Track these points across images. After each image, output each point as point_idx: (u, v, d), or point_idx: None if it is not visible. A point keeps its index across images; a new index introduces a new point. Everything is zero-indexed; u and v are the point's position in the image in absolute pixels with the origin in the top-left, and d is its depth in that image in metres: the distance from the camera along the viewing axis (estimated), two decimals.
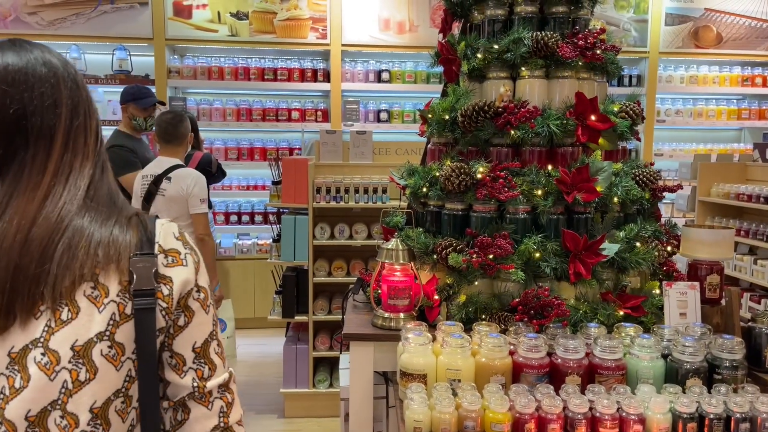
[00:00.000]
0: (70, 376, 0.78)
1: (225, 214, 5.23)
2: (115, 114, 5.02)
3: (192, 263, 0.89)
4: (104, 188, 0.88)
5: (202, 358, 0.88)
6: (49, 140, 0.83)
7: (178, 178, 3.10)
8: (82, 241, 0.81)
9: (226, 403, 0.90)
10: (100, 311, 0.80)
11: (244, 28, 5.09)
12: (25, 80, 0.82)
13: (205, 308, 0.90)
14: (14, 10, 4.83)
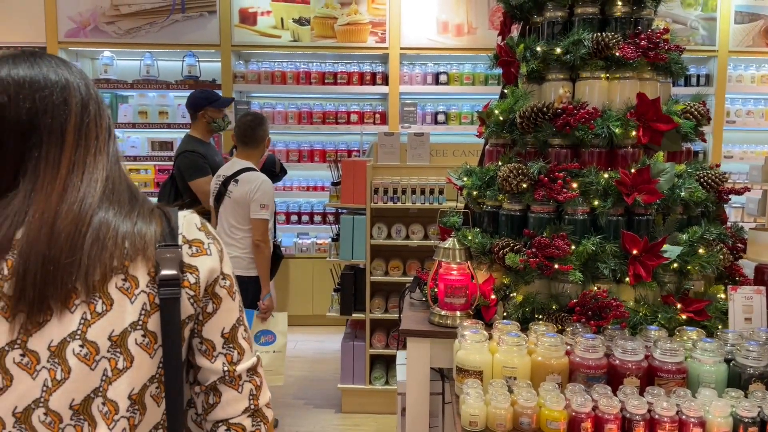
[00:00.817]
0: (109, 364, 0.83)
1: (285, 213, 5.38)
2: (184, 117, 5.26)
3: (216, 252, 0.93)
4: (123, 182, 0.92)
5: (230, 343, 0.92)
6: (60, 137, 0.88)
7: (244, 182, 3.20)
8: (109, 233, 0.85)
9: (255, 386, 0.94)
10: (132, 302, 0.85)
11: (305, 34, 5.24)
12: (37, 83, 0.88)
13: (232, 295, 0.94)
14: (93, 20, 5.13)
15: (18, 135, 0.87)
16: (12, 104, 0.87)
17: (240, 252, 3.26)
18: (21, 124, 0.87)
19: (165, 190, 3.76)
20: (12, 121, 0.86)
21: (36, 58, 0.92)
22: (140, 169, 5.30)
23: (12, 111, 0.87)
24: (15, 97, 0.87)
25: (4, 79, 0.88)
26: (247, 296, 3.23)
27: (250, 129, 3.33)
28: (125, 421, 0.83)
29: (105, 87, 5.23)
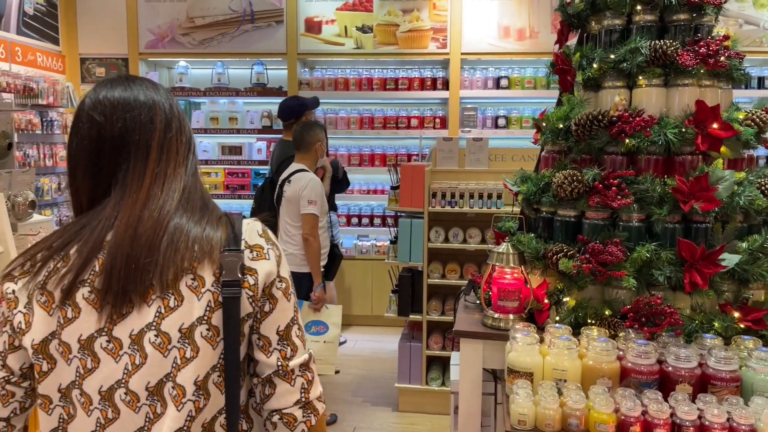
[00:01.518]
0: (179, 353, 0.94)
1: (347, 216, 5.53)
2: (252, 123, 5.51)
3: (274, 257, 1.02)
4: (197, 192, 1.03)
5: (285, 340, 1.00)
6: (146, 151, 1.00)
7: (295, 181, 3.41)
8: (182, 237, 0.96)
9: (307, 381, 1.01)
10: (198, 299, 0.95)
11: (368, 41, 5.37)
12: (128, 104, 1.01)
13: (287, 296, 1.02)
14: (171, 32, 5.45)
15: (112, 150, 1.00)
16: (107, 123, 1.00)
17: (294, 249, 3.45)
18: (114, 140, 1.00)
19: (264, 195, 3.86)
20: (107, 138, 1.00)
21: (130, 81, 1.05)
22: (211, 173, 5.58)
23: (107, 129, 1.00)
24: (110, 116, 1.00)
25: (101, 100, 1.01)
26: (302, 290, 3.43)
27: (300, 135, 3.54)
28: (191, 404, 0.94)
29: (180, 95, 5.54)
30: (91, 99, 1.02)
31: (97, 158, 1.00)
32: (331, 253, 3.67)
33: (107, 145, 1.00)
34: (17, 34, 4.79)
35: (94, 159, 1.00)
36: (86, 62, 5.53)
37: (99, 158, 1.00)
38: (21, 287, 0.97)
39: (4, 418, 1.02)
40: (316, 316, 3.48)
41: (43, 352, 0.96)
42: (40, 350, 0.96)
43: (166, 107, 1.05)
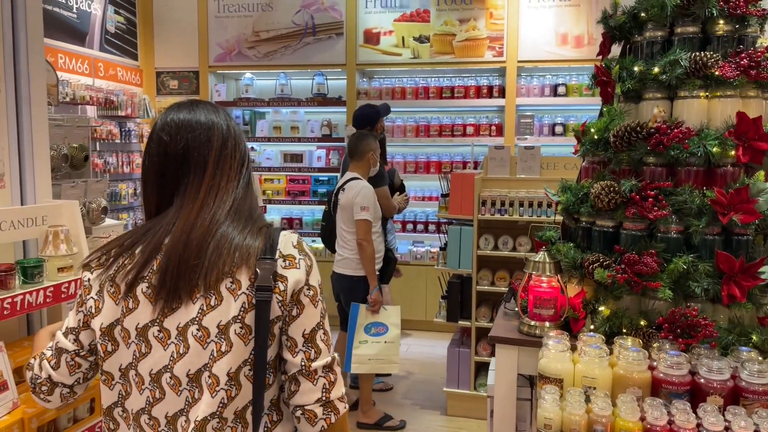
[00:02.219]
0: (215, 347, 1.06)
1: (402, 222, 5.64)
2: (312, 132, 5.72)
3: (304, 266, 1.12)
4: (246, 204, 1.16)
5: (309, 342, 1.10)
6: (203, 167, 1.14)
7: (348, 189, 3.54)
8: (225, 244, 1.08)
9: (329, 382, 1.10)
10: (235, 300, 1.07)
11: (425, 51, 5.48)
12: (190, 125, 1.15)
13: (314, 303, 1.11)
14: (237, 46, 5.75)
15: (175, 165, 1.15)
16: (172, 142, 1.15)
17: (349, 254, 3.58)
18: (177, 157, 1.15)
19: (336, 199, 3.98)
20: (171, 155, 1.15)
21: (194, 105, 1.20)
22: (274, 179, 5.83)
23: (172, 147, 1.15)
24: (174, 136, 1.15)
25: (168, 122, 1.17)
26: (358, 293, 3.56)
27: (354, 144, 3.69)
28: (224, 392, 1.06)
29: (245, 105, 5.83)
30: (161, 121, 1.18)
31: (163, 172, 1.16)
32: (385, 257, 3.78)
33: (171, 161, 1.15)
34: (100, 50, 5.20)
35: (161, 173, 1.16)
36: (161, 75, 5.91)
37: (165, 172, 1.15)
38: (95, 277, 1.14)
39: (68, 384, 1.19)
40: (375, 318, 3.59)
41: (109, 335, 1.12)
42: (106, 333, 1.12)
43: (224, 128, 1.18)
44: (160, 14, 5.85)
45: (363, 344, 3.57)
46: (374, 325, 3.61)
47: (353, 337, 3.56)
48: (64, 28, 4.77)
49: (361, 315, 3.57)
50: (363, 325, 3.58)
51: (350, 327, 3.58)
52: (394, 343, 3.62)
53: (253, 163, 5.81)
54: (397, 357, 3.65)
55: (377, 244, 3.62)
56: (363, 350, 3.56)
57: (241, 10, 5.73)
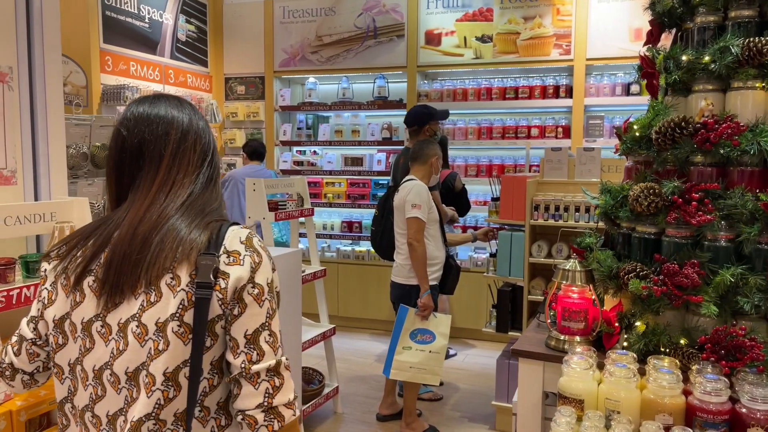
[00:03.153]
0: (153, 345, 1.01)
1: (462, 227, 5.48)
2: (373, 135, 5.69)
3: (249, 263, 1.05)
4: (201, 199, 1.11)
5: (252, 344, 1.03)
6: (159, 161, 1.11)
7: (402, 189, 3.43)
8: (169, 238, 1.04)
9: (273, 386, 1.03)
10: (174, 297, 1.02)
11: (488, 51, 5.31)
12: (148, 118, 1.12)
13: (259, 302, 1.05)
14: (301, 51, 5.83)
15: (132, 159, 1.13)
16: (129, 135, 1.13)
17: (401, 260, 3.45)
18: (134, 151, 1.12)
19: (387, 203, 3.83)
20: (128, 149, 1.13)
21: (156, 99, 1.18)
22: (334, 182, 5.85)
23: (128, 141, 1.13)
24: (132, 129, 1.13)
25: (128, 116, 1.15)
26: (411, 301, 3.42)
27: (419, 147, 3.56)
28: (160, 393, 1.01)
29: (308, 109, 5.89)
30: (122, 115, 1.17)
31: (120, 166, 1.14)
32: (446, 265, 3.60)
33: (127, 155, 1.13)
34: (171, 58, 5.43)
35: (118, 167, 1.14)
36: (229, 81, 6.09)
37: (122, 166, 1.13)
38: (51, 268, 1.14)
39: (29, 372, 1.19)
40: (422, 324, 3.43)
41: (60, 328, 1.11)
42: (58, 325, 1.11)
43: (184, 121, 1.15)
44: (230, 22, 6.04)
45: (406, 350, 3.43)
46: (421, 332, 3.46)
47: (397, 340, 3.43)
48: (136, 38, 5.02)
49: (409, 319, 3.42)
50: (409, 330, 3.44)
51: (395, 330, 3.45)
52: (440, 354, 3.44)
53: (315, 166, 5.86)
54: (440, 369, 3.46)
55: (435, 249, 3.47)
56: (405, 357, 3.42)
57: (305, 15, 5.80)
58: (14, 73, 1.74)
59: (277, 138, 5.99)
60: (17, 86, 1.76)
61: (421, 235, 3.35)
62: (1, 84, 1.70)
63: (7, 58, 1.74)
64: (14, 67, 1.75)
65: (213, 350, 1.04)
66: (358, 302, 5.65)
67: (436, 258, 3.48)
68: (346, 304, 5.71)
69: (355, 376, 4.51)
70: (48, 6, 1.78)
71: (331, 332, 3.84)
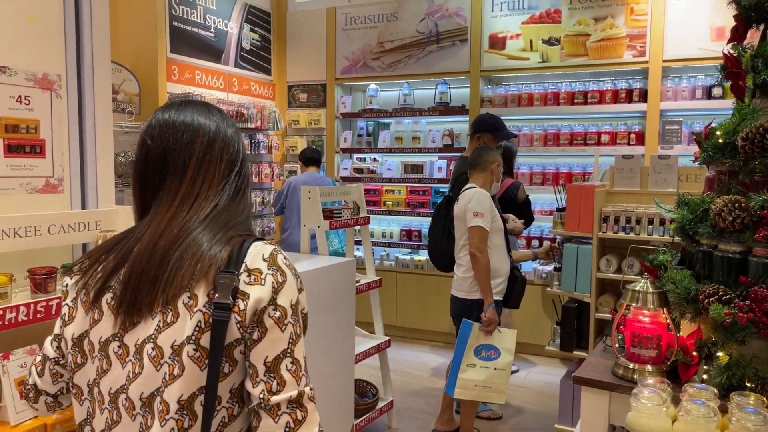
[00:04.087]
0: (168, 369, 0.93)
1: (527, 238, 5.26)
2: (433, 142, 5.57)
3: (271, 283, 0.96)
4: (226, 212, 1.03)
5: (272, 372, 0.93)
6: (183, 171, 1.04)
7: (461, 198, 3.28)
8: (189, 254, 0.96)
9: (294, 420, 0.93)
10: (191, 318, 0.94)
11: (555, 54, 5.08)
12: (173, 126, 1.05)
13: (281, 326, 0.95)
14: (363, 57, 5.79)
15: (155, 169, 1.06)
16: (153, 144, 1.07)
17: (462, 273, 3.30)
18: (157, 161, 1.06)
19: (440, 213, 3.69)
20: (152, 159, 1.07)
21: (183, 105, 1.11)
22: (394, 190, 5.76)
23: (152, 150, 1.07)
24: (156, 138, 1.07)
25: (153, 124, 1.09)
26: (472, 317, 3.25)
27: (478, 154, 3.41)
28: (174, 422, 0.93)
29: (369, 116, 5.84)
30: (148, 122, 1.11)
31: (144, 177, 1.08)
32: (511, 277, 3.41)
33: (150, 165, 1.07)
34: (235, 66, 5.51)
35: (142, 177, 1.08)
36: (292, 89, 6.13)
37: (145, 177, 1.08)
38: (73, 283, 1.08)
39: (52, 394, 1.14)
40: (487, 340, 3.25)
41: (78, 346, 1.05)
42: (76, 344, 1.05)
43: (211, 129, 1.08)
44: (293, 30, 6.08)
45: (471, 368, 3.26)
46: (485, 348, 3.29)
47: (461, 358, 3.26)
48: (201, 47, 5.12)
49: (473, 335, 3.24)
50: (473, 346, 3.26)
51: (458, 346, 3.29)
52: (505, 371, 3.25)
53: (374, 174, 5.79)
54: (506, 386, 3.28)
55: (499, 261, 3.29)
56: (470, 375, 3.25)
57: (366, 21, 5.76)
58: (62, 81, 1.75)
59: (337, 145, 5.97)
60: (65, 94, 1.77)
61: (485, 245, 3.19)
62: (50, 92, 1.72)
63: (56, 66, 1.75)
64: (63, 75, 1.76)
65: (232, 377, 0.96)
66: (417, 313, 5.52)
67: (500, 270, 3.31)
68: (405, 315, 5.60)
69: (411, 390, 4.39)
70: (97, 14, 1.78)
71: (386, 344, 3.74)
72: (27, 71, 1.67)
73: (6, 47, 1.63)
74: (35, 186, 1.72)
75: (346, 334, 3.23)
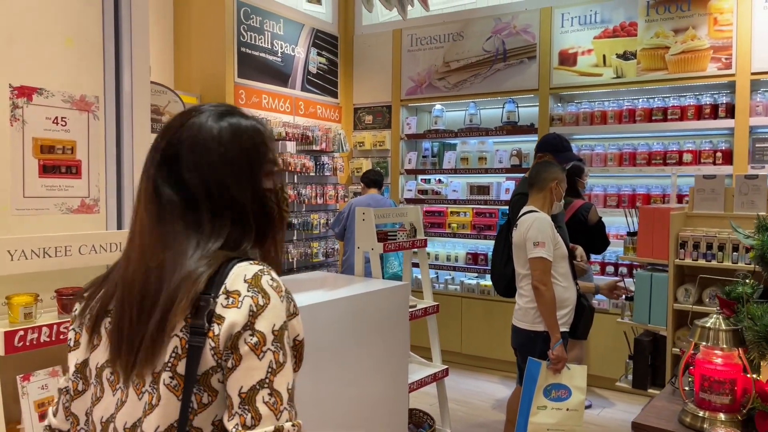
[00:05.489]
0: (148, 398, 0.87)
1: (601, 264, 4.95)
2: (500, 162, 5.39)
3: (248, 306, 0.87)
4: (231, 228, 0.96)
5: (246, 404, 0.84)
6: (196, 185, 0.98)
7: (521, 224, 3.06)
8: (173, 273, 0.89)
9: None
10: (166, 344, 0.87)
11: (630, 69, 4.80)
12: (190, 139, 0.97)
13: (258, 353, 0.86)
14: (428, 78, 5.73)
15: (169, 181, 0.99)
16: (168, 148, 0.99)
17: (524, 302, 3.09)
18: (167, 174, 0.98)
19: (499, 237, 3.54)
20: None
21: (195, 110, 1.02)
22: (459, 212, 5.61)
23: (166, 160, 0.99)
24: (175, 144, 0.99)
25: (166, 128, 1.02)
26: (535, 351, 3.03)
27: (536, 170, 3.17)
28: None
29: (434, 137, 5.75)
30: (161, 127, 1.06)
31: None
32: (578, 306, 3.15)
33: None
34: (301, 90, 5.59)
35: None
36: (358, 111, 6.15)
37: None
38: (80, 308, 1.04)
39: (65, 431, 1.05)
40: (556, 379, 2.99)
41: (81, 373, 1.01)
42: (79, 370, 1.01)
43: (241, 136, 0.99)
44: (359, 52, 6.12)
45: (542, 410, 2.99)
46: (555, 388, 3.02)
47: (530, 401, 3.00)
48: (269, 72, 5.23)
49: (541, 375, 2.99)
50: (542, 387, 3.00)
51: (526, 388, 3.03)
52: (578, 411, 2.99)
53: (439, 195, 5.67)
54: (580, 428, 3.01)
55: (564, 290, 3.05)
56: (541, 418, 2.98)
57: (432, 42, 5.70)
58: (100, 103, 1.78)
59: (402, 166, 5.90)
60: (103, 115, 1.79)
61: (548, 276, 2.95)
62: (87, 113, 1.74)
63: (94, 87, 1.78)
64: (100, 96, 1.78)
65: (212, 408, 0.88)
66: (483, 340, 5.30)
67: (566, 300, 3.06)
68: (470, 342, 5.39)
69: (473, 422, 4.18)
70: (137, 36, 1.80)
71: (443, 373, 3.57)
72: (64, 93, 1.72)
73: (43, 69, 1.68)
74: (70, 206, 1.74)
75: (399, 362, 3.10)
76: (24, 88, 1.64)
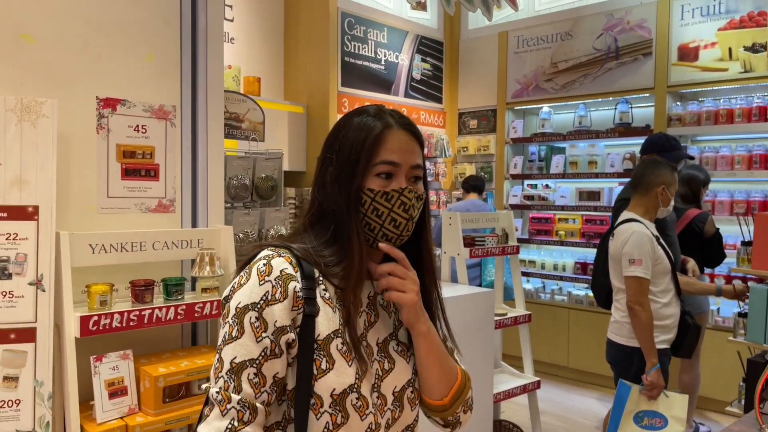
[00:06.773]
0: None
1: (710, 276, 4.49)
2: (612, 167, 5.09)
3: (233, 282, 1.00)
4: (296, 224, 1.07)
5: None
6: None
7: (618, 235, 2.82)
8: None
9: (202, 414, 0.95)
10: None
11: (761, 62, 4.32)
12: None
13: (223, 323, 0.98)
14: (535, 80, 5.55)
15: None
16: None
17: (620, 316, 2.87)
18: None
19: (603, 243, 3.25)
20: None
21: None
22: (568, 219, 5.37)
23: None
24: None
25: None
26: (631, 369, 2.81)
27: (641, 171, 2.89)
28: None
29: (541, 140, 5.56)
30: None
31: None
32: (682, 322, 2.88)
33: None
34: (405, 97, 5.66)
35: None
36: (463, 116, 6.10)
37: None
38: None
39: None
40: (650, 406, 2.75)
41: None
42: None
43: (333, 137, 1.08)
44: (465, 57, 6.07)
45: None
46: (648, 415, 2.76)
47: (617, 425, 2.78)
48: (371, 80, 5.35)
49: (632, 399, 2.76)
50: (633, 412, 2.76)
51: (614, 410, 2.82)
52: None
53: (546, 201, 5.46)
54: None
55: (665, 307, 2.80)
56: None
57: (539, 42, 5.52)
58: (177, 111, 1.94)
59: (507, 171, 5.77)
60: (179, 123, 1.95)
61: (645, 297, 2.70)
62: (165, 121, 1.91)
63: (171, 97, 1.94)
64: (177, 105, 1.94)
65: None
66: (591, 354, 5.02)
67: (668, 318, 2.81)
68: (577, 355, 5.13)
69: None
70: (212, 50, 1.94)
71: (534, 385, 3.44)
72: (144, 103, 1.89)
73: (126, 83, 1.87)
74: (148, 206, 1.92)
75: (483, 371, 3.03)
76: (109, 99, 1.84)
